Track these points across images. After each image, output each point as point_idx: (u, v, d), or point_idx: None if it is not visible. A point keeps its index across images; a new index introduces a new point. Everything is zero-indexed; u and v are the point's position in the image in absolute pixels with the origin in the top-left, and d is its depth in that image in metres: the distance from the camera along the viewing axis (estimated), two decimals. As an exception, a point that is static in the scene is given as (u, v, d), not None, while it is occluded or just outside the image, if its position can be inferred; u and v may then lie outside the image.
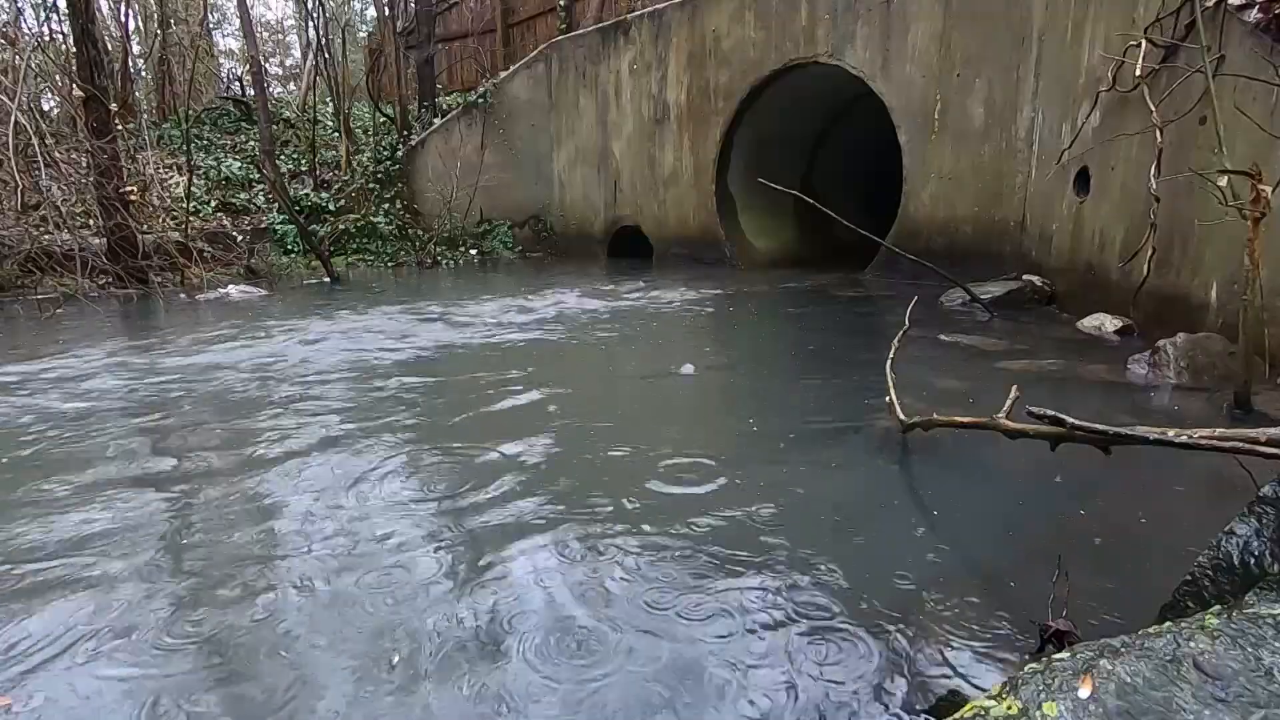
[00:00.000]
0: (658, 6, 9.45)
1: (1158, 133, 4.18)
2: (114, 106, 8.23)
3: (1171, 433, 1.71)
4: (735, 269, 8.88)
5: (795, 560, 1.86)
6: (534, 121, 11.18)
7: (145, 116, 11.19)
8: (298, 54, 20.00)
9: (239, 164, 10.67)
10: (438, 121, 11.40)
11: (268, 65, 19.40)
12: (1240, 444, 1.57)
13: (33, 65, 8.10)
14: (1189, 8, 3.96)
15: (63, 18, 10.08)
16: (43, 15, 11.24)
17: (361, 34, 19.00)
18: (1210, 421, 2.81)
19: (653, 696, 1.37)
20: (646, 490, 2.31)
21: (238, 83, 14.60)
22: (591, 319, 5.77)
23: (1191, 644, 0.92)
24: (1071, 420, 1.94)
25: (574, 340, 5.03)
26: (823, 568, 1.82)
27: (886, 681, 1.39)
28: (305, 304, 6.86)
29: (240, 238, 9.11)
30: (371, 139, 11.94)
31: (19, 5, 10.60)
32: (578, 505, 2.20)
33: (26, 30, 10.29)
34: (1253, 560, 1.16)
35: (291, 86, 18.80)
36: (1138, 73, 4.42)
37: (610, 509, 2.17)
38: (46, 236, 7.43)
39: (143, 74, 13.91)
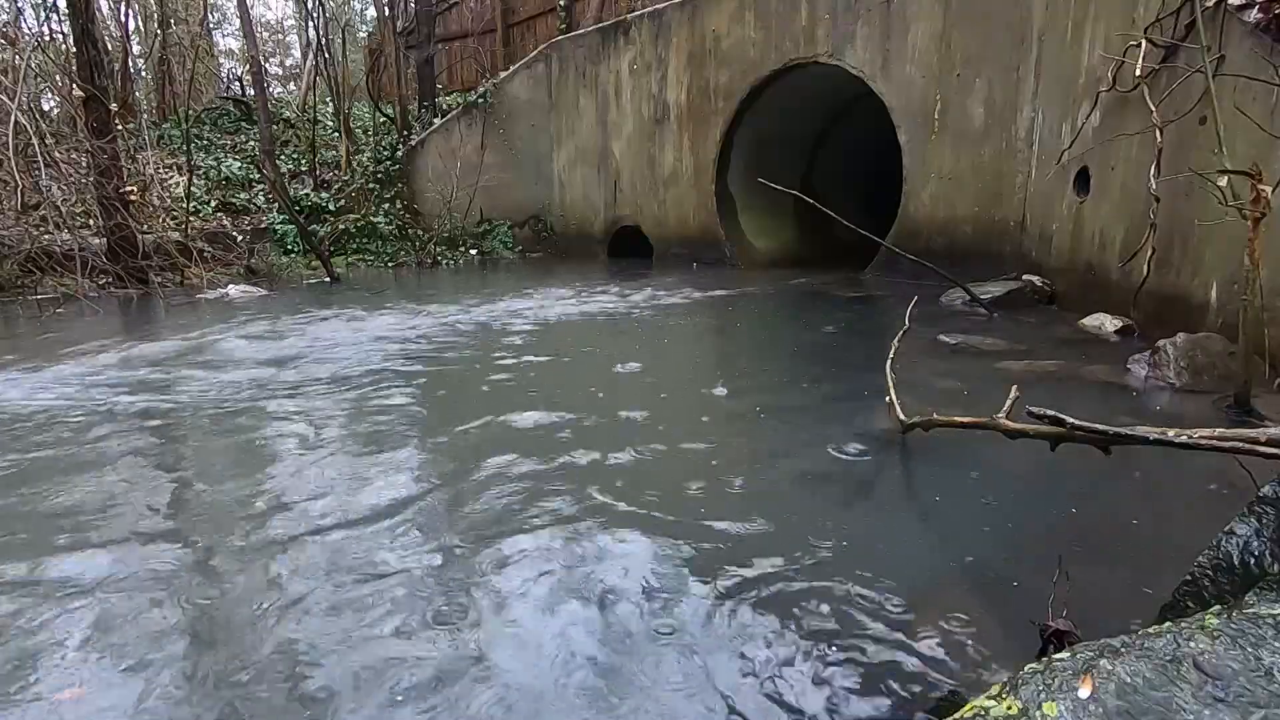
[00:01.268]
0: (658, 6, 9.45)
1: (1158, 133, 4.18)
2: (114, 106, 8.23)
3: (1171, 433, 1.71)
4: (735, 269, 8.88)
5: (794, 560, 1.85)
6: (534, 121, 11.18)
7: (145, 116, 11.18)
8: (298, 54, 20.00)
9: (239, 164, 10.67)
10: (438, 121, 11.40)
11: (268, 65, 19.41)
12: (1240, 444, 1.57)
13: (33, 65, 8.10)
14: (1189, 8, 3.96)
15: (63, 18, 10.08)
16: (43, 15, 11.24)
17: (361, 34, 19.01)
18: (1210, 422, 2.81)
19: (646, 693, 1.37)
20: (641, 491, 2.30)
21: (238, 83, 14.61)
22: (592, 320, 5.77)
23: (1191, 644, 0.92)
24: (1071, 420, 1.94)
25: (574, 341, 5.03)
26: (821, 567, 1.82)
27: (886, 681, 1.39)
28: (310, 302, 6.85)
29: (240, 238, 9.11)
30: (371, 139, 11.94)
31: (19, 5, 10.60)
32: (587, 501, 2.20)
33: (26, 30, 10.29)
34: (1253, 560, 1.16)
35: (291, 86, 18.80)
36: (1138, 73, 4.42)
37: (607, 503, 2.17)
38: (46, 236, 7.43)
39: (143, 74, 13.92)
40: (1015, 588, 1.72)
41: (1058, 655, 0.97)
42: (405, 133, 11.51)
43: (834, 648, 1.50)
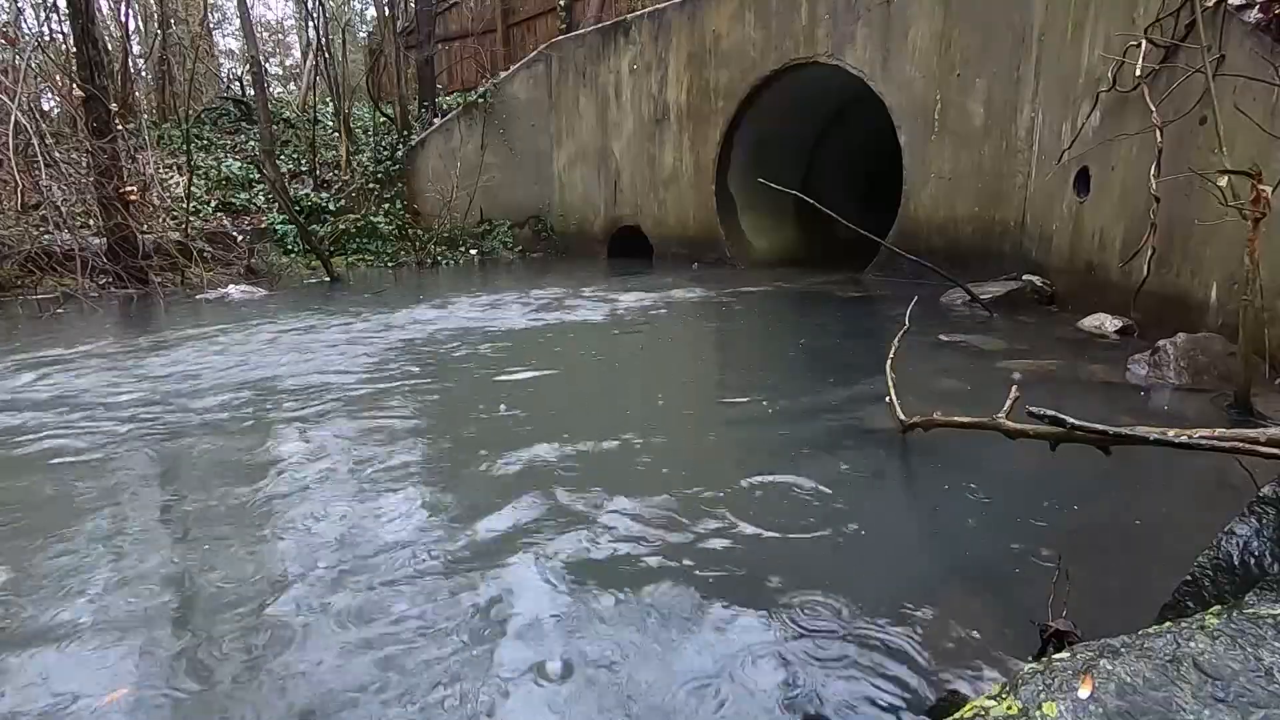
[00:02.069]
0: (658, 6, 9.45)
1: (1158, 133, 4.18)
2: (114, 106, 8.23)
3: (1171, 433, 1.71)
4: (735, 269, 8.88)
5: (794, 560, 1.85)
6: (534, 121, 11.18)
7: (145, 116, 11.18)
8: (298, 54, 20.00)
9: (239, 164, 10.67)
10: (438, 121, 11.40)
11: (268, 65, 19.40)
12: (1240, 444, 1.57)
13: (33, 65, 8.10)
14: (1189, 8, 3.96)
15: (63, 18, 10.09)
16: (43, 15, 11.25)
17: (361, 34, 19.00)
18: (1210, 422, 2.81)
19: (643, 690, 1.37)
20: (641, 491, 2.30)
21: (238, 83, 14.59)
22: (593, 321, 5.76)
23: (1191, 644, 0.92)
24: (1071, 420, 1.94)
25: (575, 342, 5.04)
26: (822, 567, 1.82)
27: (886, 681, 1.39)
28: (307, 304, 6.85)
29: (240, 238, 9.10)
30: (371, 139, 11.94)
31: (19, 5, 10.60)
32: (593, 498, 2.20)
33: (26, 30, 10.30)
34: (1253, 560, 1.16)
35: (291, 86, 18.80)
36: (1138, 73, 4.42)
37: (603, 504, 2.17)
38: (46, 236, 7.43)
39: (143, 74, 13.91)
40: (1015, 588, 1.72)
41: (1058, 655, 0.97)
42: (405, 133, 11.51)
43: (833, 647, 1.49)
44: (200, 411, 3.26)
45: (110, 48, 9.76)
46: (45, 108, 10.32)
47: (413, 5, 13.20)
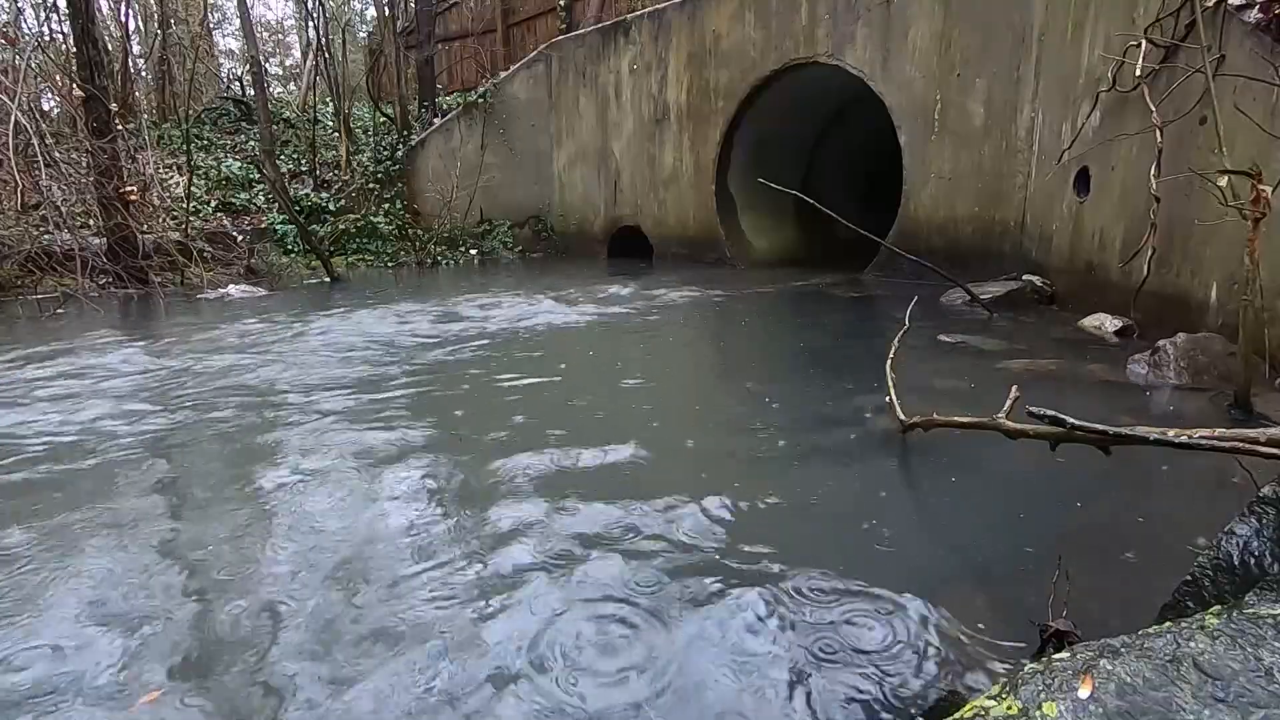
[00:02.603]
0: (658, 6, 9.45)
1: (1158, 133, 4.18)
2: (114, 106, 8.23)
3: (1171, 433, 1.71)
4: (735, 269, 8.88)
5: (794, 560, 1.85)
6: (534, 121, 11.18)
7: (145, 116, 11.18)
8: (298, 54, 20.00)
9: (239, 164, 10.67)
10: (438, 121, 11.40)
11: (268, 65, 19.40)
12: (1240, 444, 1.57)
13: (33, 65, 8.10)
14: (1189, 8, 3.96)
15: (63, 18, 10.10)
16: (43, 15, 11.26)
17: (361, 34, 18.99)
18: (1210, 422, 2.80)
19: (648, 692, 1.37)
20: (640, 491, 2.30)
21: (238, 83, 14.59)
22: (593, 321, 5.76)
23: (1191, 644, 0.92)
24: (1071, 420, 1.94)
25: (576, 343, 5.03)
26: (822, 567, 1.82)
27: (886, 681, 1.39)
28: (307, 304, 6.85)
29: (240, 238, 9.10)
30: (371, 139, 11.94)
31: (19, 5, 10.60)
32: (591, 497, 2.20)
33: (26, 30, 10.30)
34: (1253, 560, 1.16)
35: (291, 86, 18.80)
36: (1138, 73, 4.42)
37: (601, 504, 2.17)
38: (46, 236, 7.43)
39: (143, 74, 13.91)
40: (1015, 588, 1.72)
41: (1058, 655, 0.97)
42: (405, 133, 11.51)
43: (831, 645, 1.49)
44: (199, 410, 3.26)
45: (110, 48, 9.77)
46: (45, 108, 10.32)
47: (413, 5, 13.20)
